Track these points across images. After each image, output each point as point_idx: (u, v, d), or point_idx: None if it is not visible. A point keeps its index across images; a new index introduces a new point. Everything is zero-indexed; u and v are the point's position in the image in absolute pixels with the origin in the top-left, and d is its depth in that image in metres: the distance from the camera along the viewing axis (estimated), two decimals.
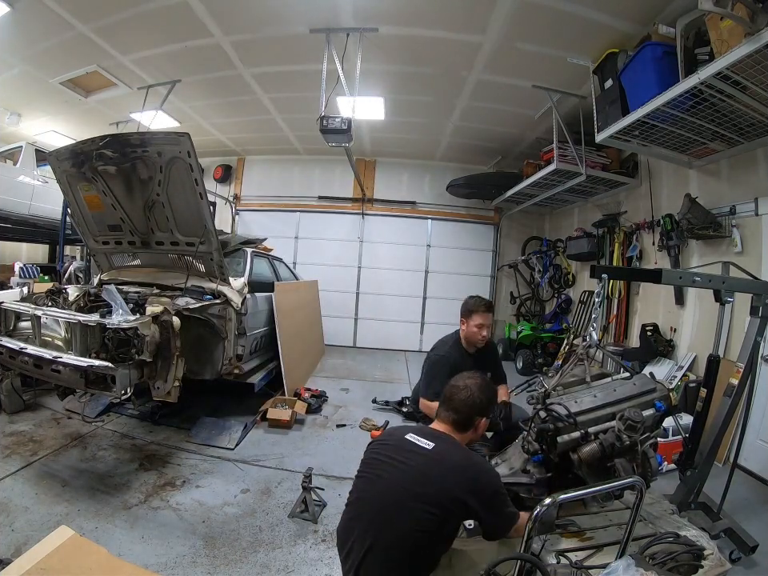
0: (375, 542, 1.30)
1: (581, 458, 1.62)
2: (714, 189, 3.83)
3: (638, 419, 1.61)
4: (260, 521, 2.34)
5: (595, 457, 1.62)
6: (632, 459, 1.66)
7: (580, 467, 1.65)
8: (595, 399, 1.77)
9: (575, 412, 1.67)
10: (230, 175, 7.75)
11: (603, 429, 1.69)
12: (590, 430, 1.68)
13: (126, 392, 2.46)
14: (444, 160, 7.23)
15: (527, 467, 1.79)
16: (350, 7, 3.45)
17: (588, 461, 1.62)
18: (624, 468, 1.60)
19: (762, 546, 2.12)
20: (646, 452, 1.68)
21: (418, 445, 1.45)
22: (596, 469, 1.65)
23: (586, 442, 1.66)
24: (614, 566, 1.18)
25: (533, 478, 1.75)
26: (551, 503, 1.18)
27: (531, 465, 1.78)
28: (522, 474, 1.77)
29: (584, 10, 3.22)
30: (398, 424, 3.84)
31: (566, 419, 1.64)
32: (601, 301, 1.96)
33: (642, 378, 1.94)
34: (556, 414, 1.65)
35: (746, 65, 2.38)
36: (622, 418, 1.64)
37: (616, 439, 1.60)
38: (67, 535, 1.15)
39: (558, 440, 1.65)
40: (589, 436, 1.66)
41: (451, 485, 1.34)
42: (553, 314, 6.71)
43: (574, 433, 1.66)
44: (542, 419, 1.70)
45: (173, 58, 4.31)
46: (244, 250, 4.33)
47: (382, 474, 1.44)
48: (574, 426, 1.66)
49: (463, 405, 1.57)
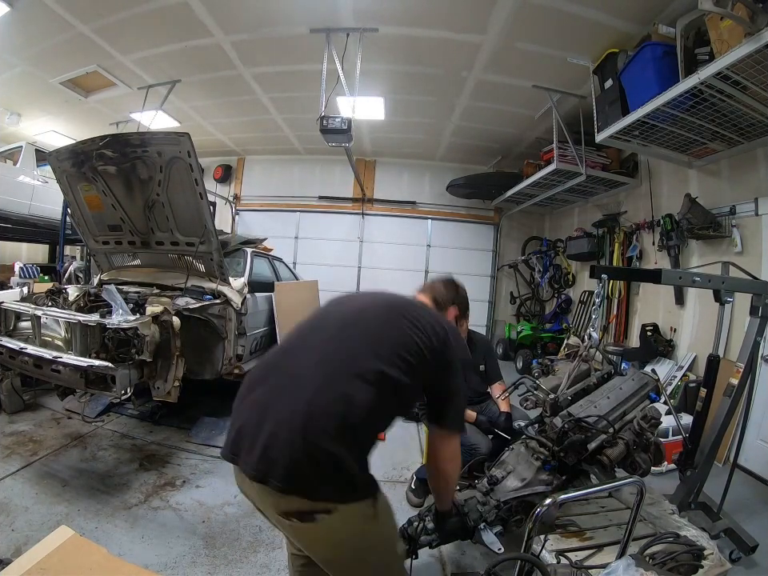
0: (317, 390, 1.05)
1: (610, 459, 1.65)
2: (714, 189, 3.83)
3: (657, 416, 1.69)
4: (260, 521, 2.32)
5: (622, 455, 1.67)
6: (646, 450, 1.72)
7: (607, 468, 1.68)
8: (610, 401, 1.83)
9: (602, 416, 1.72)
10: (230, 175, 7.75)
11: (621, 426, 1.77)
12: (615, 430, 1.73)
13: (125, 392, 2.45)
14: (444, 160, 7.22)
15: (543, 476, 1.75)
16: (350, 7, 3.45)
17: (617, 460, 1.67)
18: (644, 461, 1.69)
19: (762, 546, 2.12)
20: (658, 443, 1.74)
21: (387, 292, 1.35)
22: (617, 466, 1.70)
23: (611, 443, 1.70)
24: (614, 566, 1.17)
25: (550, 486, 1.72)
26: (551, 503, 1.18)
27: (546, 473, 1.75)
28: (539, 483, 1.73)
29: (584, 10, 3.22)
30: (398, 424, 3.85)
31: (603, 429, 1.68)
32: (601, 301, 1.96)
33: (636, 373, 1.99)
34: (587, 425, 1.67)
35: (746, 65, 2.38)
36: (645, 417, 1.72)
37: (637, 436, 1.69)
38: (67, 535, 1.15)
39: (588, 447, 1.68)
40: (615, 437, 1.70)
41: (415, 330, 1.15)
42: (553, 314, 6.71)
43: (601, 436, 1.70)
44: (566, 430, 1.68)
45: (173, 58, 4.30)
46: (244, 250, 4.33)
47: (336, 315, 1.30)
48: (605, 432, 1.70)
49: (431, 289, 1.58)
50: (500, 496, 1.70)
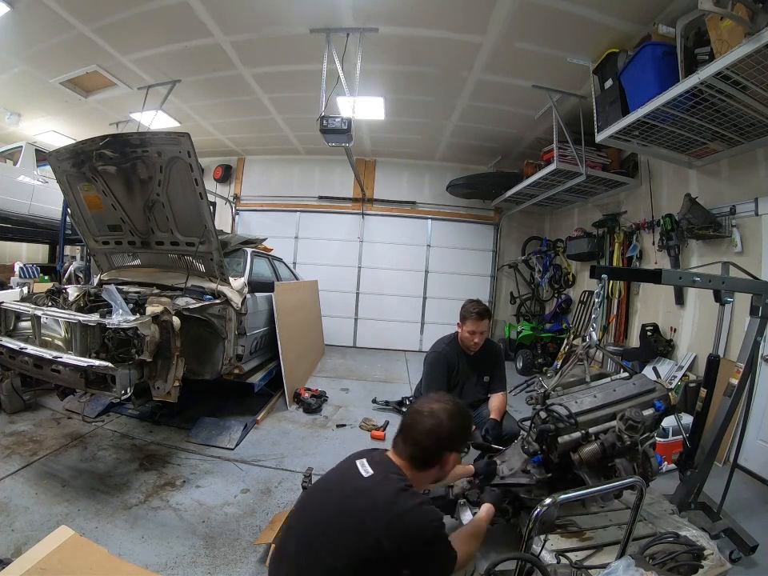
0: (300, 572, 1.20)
1: (581, 458, 1.63)
2: (714, 189, 3.82)
3: (638, 419, 1.61)
4: (260, 521, 2.33)
5: (596, 457, 1.62)
6: (632, 459, 1.66)
7: (580, 467, 1.65)
8: (595, 399, 1.77)
9: (576, 412, 1.68)
10: (230, 175, 7.75)
11: (603, 429, 1.69)
12: (591, 430, 1.68)
13: (125, 392, 2.45)
14: (444, 160, 7.23)
15: (527, 468, 1.79)
16: (350, 7, 3.45)
17: (589, 461, 1.63)
18: (624, 468, 1.60)
19: (762, 546, 2.12)
20: (647, 452, 1.69)
21: (358, 472, 1.27)
22: (596, 469, 1.65)
23: (587, 442, 1.66)
24: (614, 566, 1.18)
25: (533, 479, 1.75)
26: (551, 503, 1.18)
27: (531, 465, 1.79)
28: (522, 475, 1.77)
29: (584, 10, 3.22)
30: (399, 424, 3.85)
31: (567, 420, 1.64)
32: (601, 301, 1.96)
33: (641, 377, 1.94)
34: (556, 415, 1.65)
35: (746, 65, 2.38)
36: (622, 418, 1.64)
37: (617, 439, 1.61)
38: (67, 535, 1.15)
39: (558, 440, 1.65)
40: (589, 436, 1.67)
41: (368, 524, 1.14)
42: (553, 314, 6.71)
43: (574, 433, 1.67)
44: (542, 420, 1.70)
45: (173, 58, 4.30)
46: (244, 250, 4.33)
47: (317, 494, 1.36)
48: (574, 427, 1.66)
49: (426, 437, 1.30)
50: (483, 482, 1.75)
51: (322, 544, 1.17)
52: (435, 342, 2.87)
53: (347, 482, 1.28)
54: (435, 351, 2.76)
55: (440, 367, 2.68)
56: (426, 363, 2.82)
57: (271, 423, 3.77)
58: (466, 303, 2.70)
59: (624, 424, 1.62)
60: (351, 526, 1.16)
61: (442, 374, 2.67)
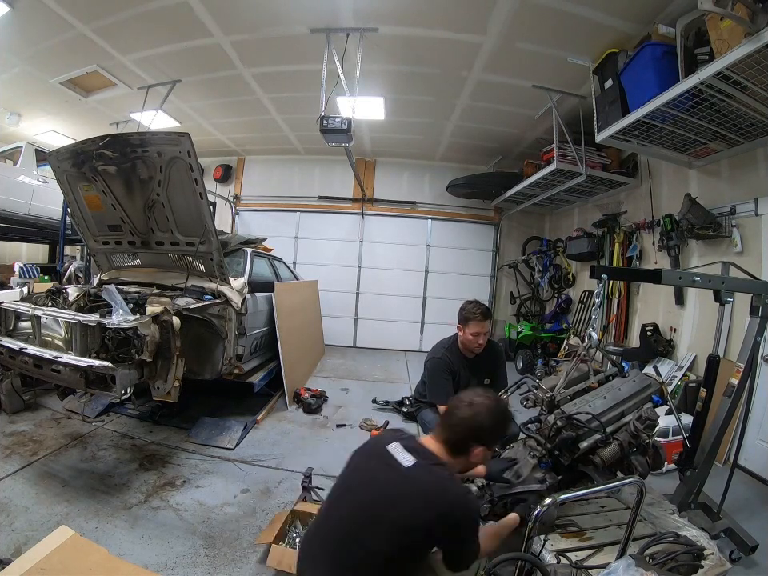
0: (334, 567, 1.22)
1: (603, 460, 1.64)
2: (714, 189, 3.83)
3: (654, 418, 1.66)
4: (260, 521, 2.34)
5: (615, 457, 1.65)
6: (644, 453, 1.70)
7: (597, 468, 1.66)
8: (606, 401, 1.81)
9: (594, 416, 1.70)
10: (230, 175, 7.75)
11: (617, 428, 1.74)
12: (608, 430, 1.71)
13: (125, 392, 2.45)
14: (444, 160, 7.23)
15: (538, 474, 1.76)
16: (350, 7, 3.45)
17: (609, 461, 1.64)
18: (640, 463, 1.66)
19: (762, 546, 2.12)
20: (656, 445, 1.72)
21: (395, 459, 1.29)
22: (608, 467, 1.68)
23: (604, 444, 1.68)
24: (614, 566, 1.18)
25: (545, 484, 1.73)
26: (551, 503, 1.18)
27: (541, 471, 1.76)
28: (534, 481, 1.74)
29: (584, 10, 3.22)
30: (398, 424, 3.85)
31: (594, 428, 1.66)
32: (601, 301, 1.96)
33: (638, 374, 1.97)
34: (578, 422, 1.66)
35: (746, 65, 2.38)
36: (640, 418, 1.70)
37: (632, 437, 1.66)
38: (67, 535, 1.15)
39: (579, 446, 1.66)
40: (608, 438, 1.69)
41: (417, 512, 1.19)
42: (553, 314, 6.71)
43: (594, 435, 1.68)
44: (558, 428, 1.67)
45: (173, 58, 4.30)
46: (244, 250, 4.33)
47: (352, 486, 1.37)
48: (600, 431, 1.68)
49: (461, 424, 1.35)
50: (495, 491, 1.71)
51: (364, 527, 1.21)
52: (433, 347, 2.82)
53: (386, 470, 1.29)
54: (435, 357, 2.70)
55: (443, 373, 2.63)
56: (426, 370, 2.78)
57: (271, 423, 3.77)
58: (465, 305, 2.67)
59: (642, 424, 1.67)
60: (400, 514, 1.19)
61: (447, 380, 2.62)
